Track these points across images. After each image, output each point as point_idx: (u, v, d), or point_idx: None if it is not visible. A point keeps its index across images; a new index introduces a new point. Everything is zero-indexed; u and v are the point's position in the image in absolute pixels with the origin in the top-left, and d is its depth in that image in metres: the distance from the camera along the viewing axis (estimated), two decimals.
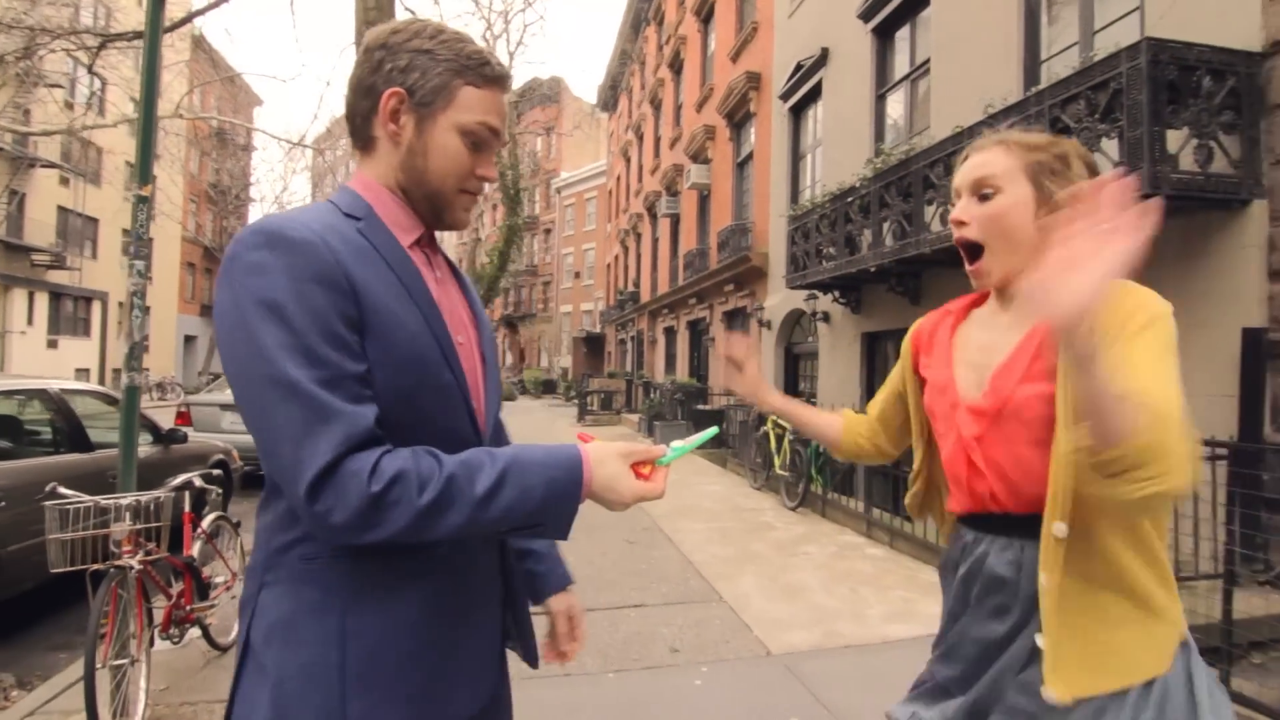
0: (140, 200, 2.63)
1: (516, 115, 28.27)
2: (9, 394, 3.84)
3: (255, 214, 37.56)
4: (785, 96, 10.79)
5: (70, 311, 25.37)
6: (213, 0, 6.09)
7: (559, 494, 0.81)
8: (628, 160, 25.69)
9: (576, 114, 36.52)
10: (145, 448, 4.70)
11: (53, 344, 24.21)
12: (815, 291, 8.86)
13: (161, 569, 2.80)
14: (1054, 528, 0.92)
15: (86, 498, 2.44)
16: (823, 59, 9.58)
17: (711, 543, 5.39)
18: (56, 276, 24.03)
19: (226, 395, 8.10)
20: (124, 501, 2.52)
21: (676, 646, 3.36)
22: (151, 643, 2.67)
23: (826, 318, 9.18)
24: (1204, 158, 3.92)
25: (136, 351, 2.64)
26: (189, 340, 32.93)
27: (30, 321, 23.43)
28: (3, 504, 3.46)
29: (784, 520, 6.28)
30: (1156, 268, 4.52)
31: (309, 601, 0.82)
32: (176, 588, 2.89)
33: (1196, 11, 4.39)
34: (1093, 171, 1.04)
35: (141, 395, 2.91)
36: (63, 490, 2.47)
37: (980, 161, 1.05)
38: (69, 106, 22.16)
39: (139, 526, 2.56)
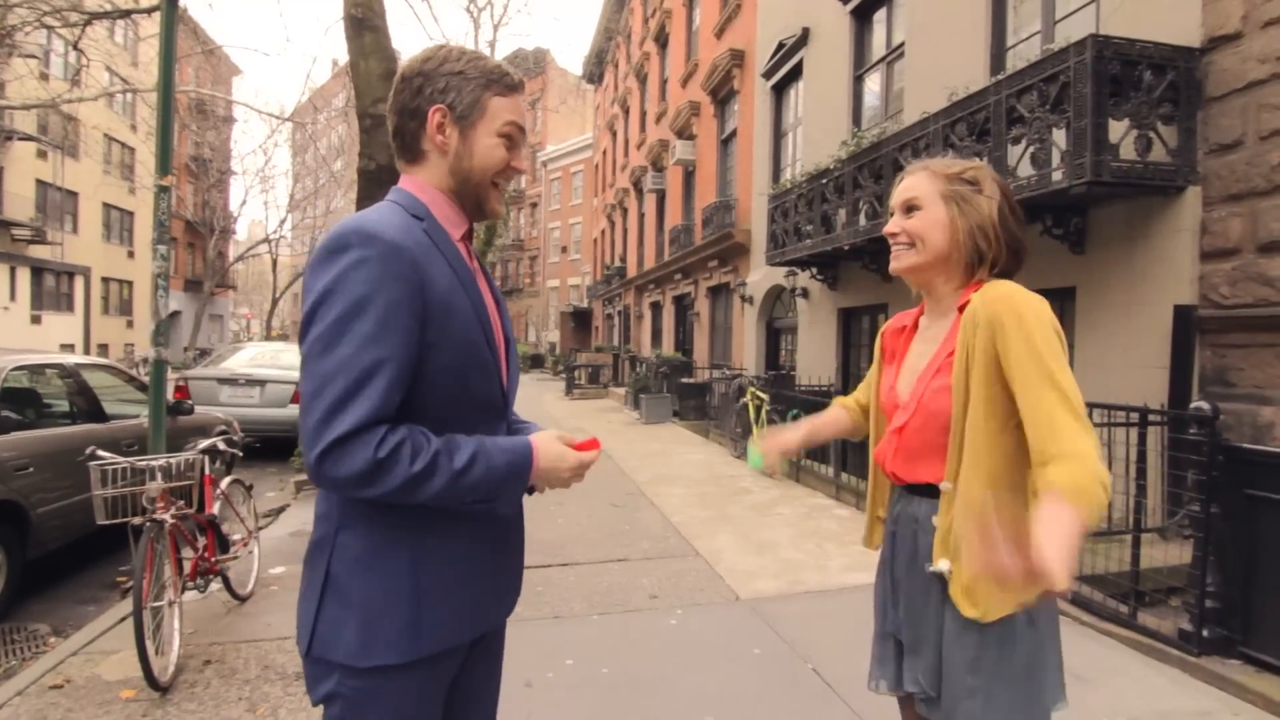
0: (161, 190, 2.87)
1: None
2: (30, 368, 4.08)
3: (236, 188, 36.98)
4: (768, 75, 10.96)
5: (53, 287, 25.14)
6: None
7: (516, 473, 1.05)
8: (614, 134, 25.65)
9: (562, 87, 36.23)
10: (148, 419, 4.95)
11: (36, 319, 24.05)
12: (795, 269, 9.16)
13: (188, 525, 3.09)
14: (942, 485, 1.21)
15: (124, 459, 2.72)
16: (804, 38, 9.75)
17: (691, 505, 5.76)
18: (38, 251, 23.77)
19: (222, 370, 8.32)
20: (157, 463, 2.80)
21: (655, 594, 3.72)
22: (183, 590, 2.98)
23: (805, 294, 9.50)
24: (1143, 147, 4.24)
25: (161, 328, 2.91)
26: (173, 315, 32.75)
27: (13, 297, 23.24)
28: (31, 470, 3.73)
29: (760, 485, 6.66)
30: (1104, 249, 4.88)
31: (386, 539, 1.02)
32: (201, 542, 3.19)
33: (1146, 6, 4.67)
34: (1003, 190, 1.27)
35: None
36: (101, 453, 2.75)
37: (908, 185, 1.31)
38: (44, 78, 21.78)
39: (170, 485, 2.85)
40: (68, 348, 24.30)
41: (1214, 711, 2.49)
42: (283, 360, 9.00)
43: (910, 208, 1.29)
